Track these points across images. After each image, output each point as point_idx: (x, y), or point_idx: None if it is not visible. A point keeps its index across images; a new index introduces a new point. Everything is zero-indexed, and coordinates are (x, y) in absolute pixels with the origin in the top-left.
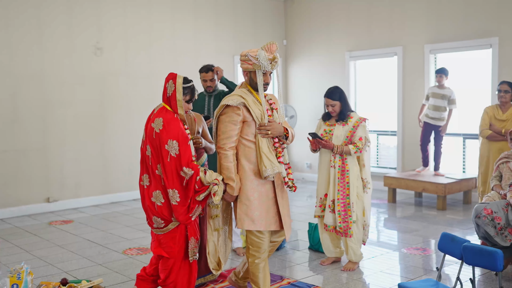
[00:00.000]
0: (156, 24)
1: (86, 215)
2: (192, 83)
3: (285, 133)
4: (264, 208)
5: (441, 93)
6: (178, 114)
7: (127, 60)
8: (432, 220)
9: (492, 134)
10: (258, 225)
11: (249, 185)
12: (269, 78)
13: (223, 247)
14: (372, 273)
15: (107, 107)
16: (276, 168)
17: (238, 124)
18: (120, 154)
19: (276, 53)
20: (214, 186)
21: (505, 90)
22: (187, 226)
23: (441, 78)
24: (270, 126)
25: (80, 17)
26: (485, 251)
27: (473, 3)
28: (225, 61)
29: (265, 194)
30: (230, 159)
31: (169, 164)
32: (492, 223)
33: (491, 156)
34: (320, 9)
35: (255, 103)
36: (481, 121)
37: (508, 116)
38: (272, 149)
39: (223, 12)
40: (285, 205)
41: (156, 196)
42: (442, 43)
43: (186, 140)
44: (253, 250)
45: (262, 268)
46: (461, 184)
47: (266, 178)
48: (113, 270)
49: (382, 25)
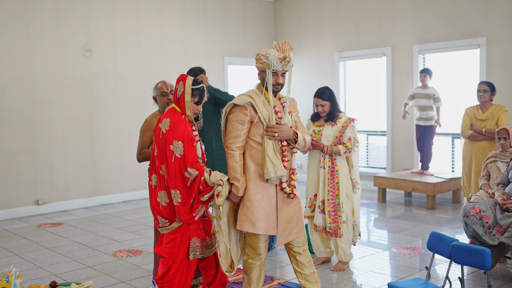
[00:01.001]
0: (144, 25)
1: (75, 217)
2: (202, 85)
3: (294, 137)
4: (265, 211)
5: (425, 93)
6: (186, 115)
7: (116, 61)
8: (422, 220)
9: (473, 134)
10: (257, 228)
11: (252, 186)
12: (281, 79)
13: (235, 248)
14: (362, 273)
15: (96, 109)
16: (279, 172)
17: (246, 124)
18: (110, 156)
19: (288, 53)
20: (218, 187)
21: (484, 90)
22: (190, 226)
23: (425, 78)
24: (277, 128)
25: (68, 18)
26: (473, 250)
27: (461, 3)
28: (214, 62)
29: (267, 198)
30: (236, 159)
31: (173, 164)
32: (480, 222)
33: (473, 156)
34: (310, 10)
35: (264, 104)
36: (462, 121)
37: (488, 115)
38: (279, 152)
39: (212, 13)
40: (289, 211)
41: (161, 197)
42: (431, 43)
43: (191, 141)
44: (249, 250)
45: (255, 269)
46: (450, 184)
47: (268, 181)
48: (103, 272)
49: (371, 25)
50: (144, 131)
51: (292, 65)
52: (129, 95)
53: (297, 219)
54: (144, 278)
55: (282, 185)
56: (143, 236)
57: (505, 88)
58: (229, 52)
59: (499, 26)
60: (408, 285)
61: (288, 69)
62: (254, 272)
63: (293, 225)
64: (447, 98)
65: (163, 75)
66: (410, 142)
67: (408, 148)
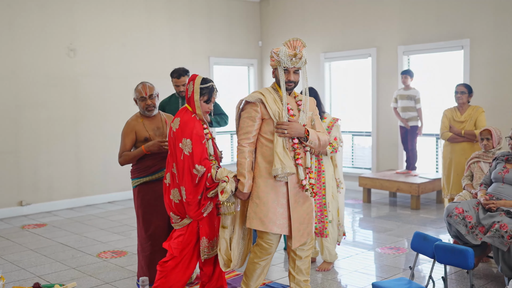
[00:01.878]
0: (130, 25)
1: (59, 218)
2: (210, 84)
3: (305, 135)
4: (275, 210)
5: (407, 94)
6: (196, 114)
7: (101, 61)
8: (406, 220)
9: (453, 136)
10: (267, 227)
11: (262, 184)
12: (293, 76)
13: (236, 245)
14: (346, 273)
15: (81, 109)
16: (287, 169)
17: (256, 120)
18: (95, 156)
19: (299, 50)
20: (222, 183)
21: (462, 91)
22: (199, 225)
23: (406, 79)
24: (287, 126)
25: (52, 17)
26: (456, 250)
27: (445, 5)
28: (200, 62)
29: (277, 196)
30: (245, 155)
31: (182, 162)
32: (463, 222)
33: (454, 157)
34: (295, 11)
35: (275, 101)
36: (441, 124)
37: (466, 117)
38: (291, 150)
39: (198, 13)
40: (301, 212)
41: (173, 194)
42: (415, 44)
43: (200, 139)
44: (257, 249)
45: (258, 269)
46: (434, 184)
47: (276, 178)
48: (87, 273)
49: (356, 26)
50: (125, 134)
51: (304, 62)
52: (115, 95)
53: (309, 220)
54: (129, 279)
55: (302, 183)
56: (128, 237)
57: (488, 89)
58: (215, 52)
59: (483, 28)
60: (392, 285)
61: (301, 66)
62: (257, 271)
63: (305, 226)
64: (431, 99)
65: (149, 75)
66: (395, 143)
67: (393, 149)
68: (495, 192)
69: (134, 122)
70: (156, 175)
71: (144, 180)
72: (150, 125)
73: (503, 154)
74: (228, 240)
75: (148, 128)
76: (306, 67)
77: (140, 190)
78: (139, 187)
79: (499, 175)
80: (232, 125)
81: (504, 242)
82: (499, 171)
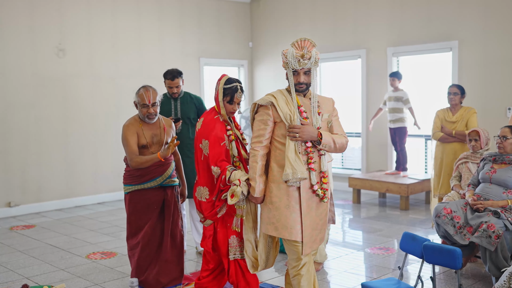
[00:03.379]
0: (120, 25)
1: (48, 219)
2: (234, 84)
3: (319, 138)
4: (288, 215)
5: (395, 95)
6: (221, 114)
7: (91, 61)
8: (395, 220)
9: (444, 136)
10: (280, 232)
11: (274, 188)
12: (302, 77)
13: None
14: (336, 273)
15: (70, 109)
16: (299, 174)
17: (269, 123)
18: (84, 157)
19: (306, 50)
20: (233, 186)
21: (454, 93)
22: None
23: (394, 81)
24: (299, 129)
25: (41, 17)
26: (444, 250)
27: (433, 7)
28: (190, 62)
29: (290, 201)
30: (256, 159)
31: (202, 162)
32: (451, 222)
33: (444, 158)
34: (286, 12)
35: (287, 103)
36: (433, 124)
37: (458, 117)
38: (303, 154)
39: (188, 14)
40: (314, 217)
41: (197, 192)
42: (404, 46)
43: (218, 140)
44: (291, 259)
45: (305, 277)
46: (423, 185)
47: (287, 183)
48: (76, 275)
49: (346, 28)
50: (129, 137)
51: (314, 62)
52: (105, 96)
53: (322, 226)
54: (118, 281)
55: (314, 187)
56: (118, 238)
57: (476, 90)
58: (205, 53)
59: (471, 30)
60: (381, 285)
61: (310, 66)
62: (304, 280)
63: (317, 232)
64: (420, 100)
65: (139, 76)
66: (384, 144)
67: (383, 150)
68: (482, 193)
69: (134, 127)
70: (149, 183)
71: (136, 188)
72: (148, 131)
73: (490, 155)
74: (253, 242)
75: (146, 135)
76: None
77: (132, 197)
78: (131, 194)
79: (486, 176)
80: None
81: (491, 242)
82: (486, 171)
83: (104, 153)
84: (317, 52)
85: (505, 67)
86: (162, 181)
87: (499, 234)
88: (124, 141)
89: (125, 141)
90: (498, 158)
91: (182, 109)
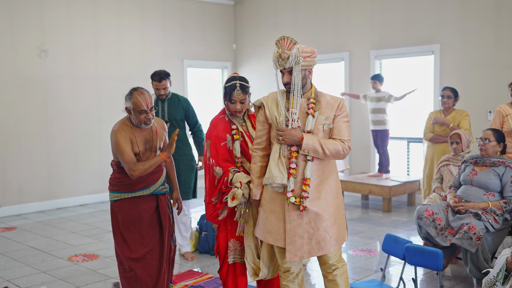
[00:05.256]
0: (102, 26)
1: (30, 221)
2: (232, 82)
3: (301, 141)
4: (273, 220)
5: (377, 96)
6: (226, 114)
7: (72, 62)
8: (378, 222)
9: (435, 136)
10: (264, 236)
11: (265, 192)
12: (286, 77)
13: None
14: (319, 275)
15: (51, 110)
16: (278, 179)
17: (263, 125)
18: (66, 159)
19: (283, 49)
20: (234, 189)
21: (448, 96)
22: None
23: (376, 84)
24: (283, 132)
25: (22, 17)
26: (426, 251)
27: (414, 11)
28: (173, 64)
29: (275, 205)
30: (254, 160)
31: (206, 163)
32: (433, 224)
33: (435, 158)
34: (269, 14)
35: (277, 104)
36: (425, 124)
37: (450, 119)
38: (288, 158)
39: (171, 16)
40: (303, 225)
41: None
42: (387, 49)
43: (219, 141)
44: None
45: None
46: (405, 187)
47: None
48: (58, 277)
49: (328, 30)
50: (123, 144)
51: (294, 60)
52: (86, 97)
53: (312, 236)
54: (101, 283)
55: (287, 195)
56: (100, 240)
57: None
58: (189, 55)
59: (451, 34)
60: (364, 287)
61: (290, 65)
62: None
63: (306, 241)
64: (402, 103)
65: (120, 77)
66: (367, 146)
67: (365, 152)
68: (464, 195)
69: (126, 133)
70: (141, 192)
71: (126, 196)
72: (141, 137)
73: (472, 157)
74: (254, 248)
75: (139, 142)
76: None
77: (121, 206)
78: (120, 202)
79: (467, 178)
80: None
81: (472, 243)
82: (467, 173)
83: (86, 155)
84: (301, 50)
85: (486, 70)
86: (155, 189)
87: (480, 236)
88: (118, 149)
89: (119, 148)
90: (479, 161)
91: (170, 111)
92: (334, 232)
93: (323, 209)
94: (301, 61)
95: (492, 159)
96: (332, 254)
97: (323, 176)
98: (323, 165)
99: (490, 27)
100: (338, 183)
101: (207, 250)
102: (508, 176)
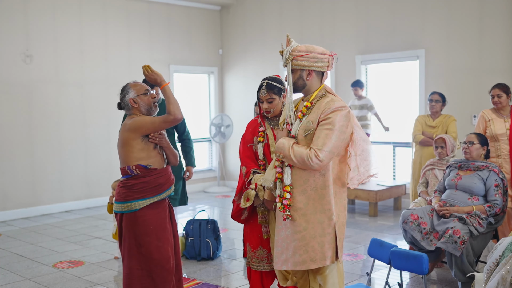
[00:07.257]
0: (87, 31)
1: (14, 228)
2: (261, 82)
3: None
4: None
5: (359, 104)
6: (260, 115)
7: (57, 68)
8: (364, 226)
9: (425, 139)
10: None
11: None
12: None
13: None
14: None
15: (36, 116)
16: (266, 182)
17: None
18: (50, 165)
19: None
20: (248, 189)
21: (436, 100)
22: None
23: (357, 91)
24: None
25: (7, 22)
26: (411, 256)
27: (399, 16)
28: (160, 70)
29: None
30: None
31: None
32: (418, 228)
33: (423, 162)
34: (255, 20)
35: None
36: (414, 127)
37: (437, 123)
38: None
39: (157, 21)
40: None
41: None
42: (372, 54)
43: (245, 143)
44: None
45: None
46: (391, 191)
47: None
48: (43, 284)
49: (314, 35)
50: (149, 118)
51: (287, 58)
52: (71, 102)
53: (297, 249)
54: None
55: (277, 200)
56: (85, 247)
57: None
58: (175, 60)
59: (436, 39)
60: None
61: (284, 63)
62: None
63: (290, 253)
64: (388, 108)
65: (105, 83)
66: None
67: None
68: (448, 199)
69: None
70: (165, 194)
71: (153, 201)
72: None
73: (456, 162)
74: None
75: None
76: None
77: (148, 212)
78: (145, 209)
79: (452, 182)
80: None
81: (457, 247)
82: (452, 178)
83: (71, 160)
84: (293, 49)
85: (470, 75)
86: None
87: (464, 240)
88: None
89: (147, 121)
90: (463, 165)
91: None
92: (309, 249)
93: (300, 222)
94: (290, 60)
95: (476, 163)
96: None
97: (306, 186)
98: (307, 173)
99: (474, 33)
100: (330, 198)
101: (194, 255)
102: (492, 180)
